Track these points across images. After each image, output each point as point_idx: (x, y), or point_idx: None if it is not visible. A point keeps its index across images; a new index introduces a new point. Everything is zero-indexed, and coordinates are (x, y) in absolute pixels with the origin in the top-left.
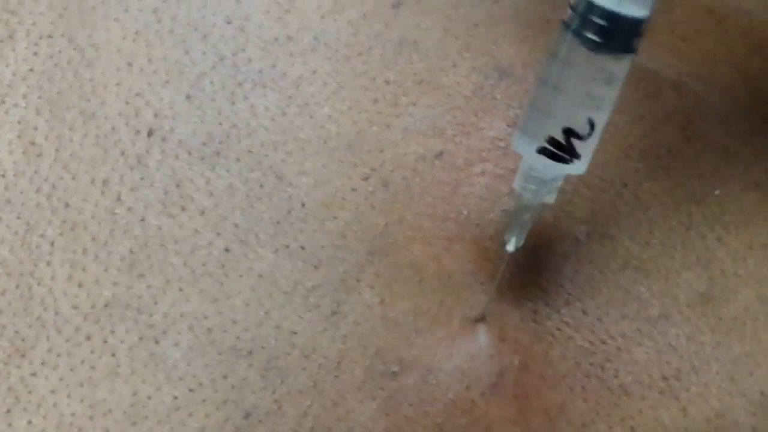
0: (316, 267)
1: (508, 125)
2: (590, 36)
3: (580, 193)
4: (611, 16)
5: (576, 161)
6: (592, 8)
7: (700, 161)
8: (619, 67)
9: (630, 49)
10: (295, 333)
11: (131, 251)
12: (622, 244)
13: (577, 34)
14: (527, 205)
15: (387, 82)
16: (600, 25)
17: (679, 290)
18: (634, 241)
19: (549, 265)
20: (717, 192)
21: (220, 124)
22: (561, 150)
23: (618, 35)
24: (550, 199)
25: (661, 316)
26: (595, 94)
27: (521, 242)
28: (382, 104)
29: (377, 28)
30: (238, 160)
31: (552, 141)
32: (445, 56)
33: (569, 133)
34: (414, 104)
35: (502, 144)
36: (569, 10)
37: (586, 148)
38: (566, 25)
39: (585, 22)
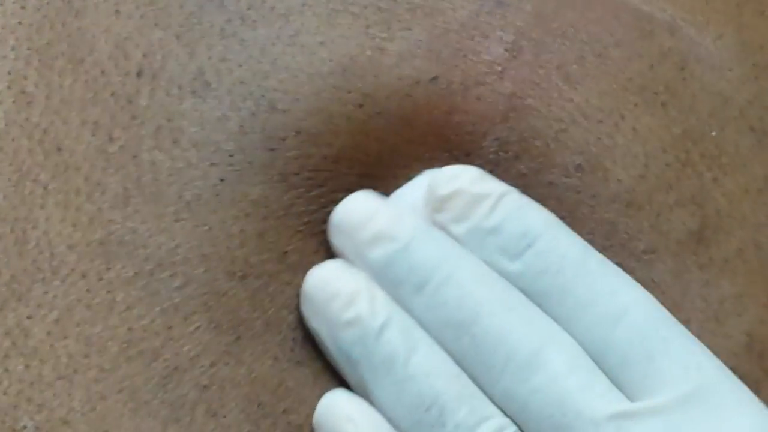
0: (308, 191)
1: (505, 50)
2: None
3: (576, 121)
4: None
5: None
6: None
7: (696, 102)
8: None
9: None
10: (286, 253)
11: (125, 188)
12: (615, 176)
13: None
14: None
15: (379, 9)
16: None
17: (669, 226)
18: (628, 173)
19: (534, 194)
20: (714, 133)
21: (210, 58)
22: None
23: None
24: None
25: (647, 251)
26: None
27: None
28: (374, 29)
29: None
30: (229, 91)
31: None
32: None
33: None
34: (408, 29)
35: (499, 68)
36: None
37: None
38: None
39: None
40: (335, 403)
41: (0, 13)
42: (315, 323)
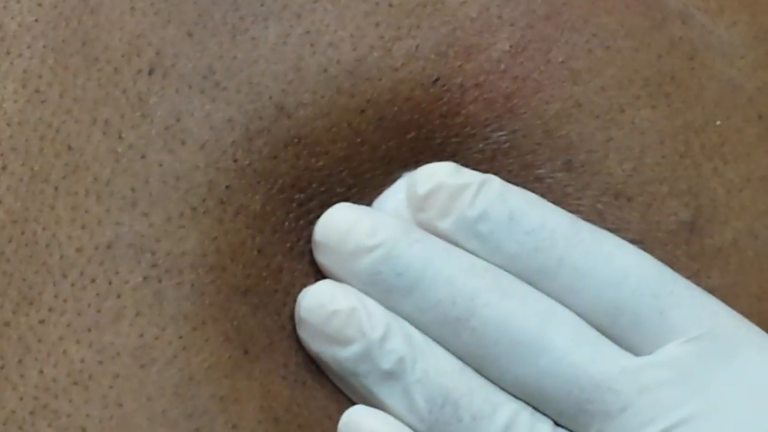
0: (299, 206)
1: (510, 46)
2: None
3: (572, 117)
4: None
5: None
6: None
7: (703, 92)
8: None
9: None
10: (281, 272)
11: (133, 189)
12: (607, 170)
13: None
14: None
15: (390, 5)
16: None
17: (660, 217)
18: (620, 167)
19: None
20: (718, 123)
21: (221, 57)
22: None
23: None
24: None
25: (636, 240)
26: None
27: None
28: (383, 27)
29: None
30: (238, 91)
31: None
32: None
33: None
34: (418, 26)
35: (502, 66)
36: None
37: None
38: None
39: None
40: (357, 419)
41: (17, 11)
42: (315, 347)
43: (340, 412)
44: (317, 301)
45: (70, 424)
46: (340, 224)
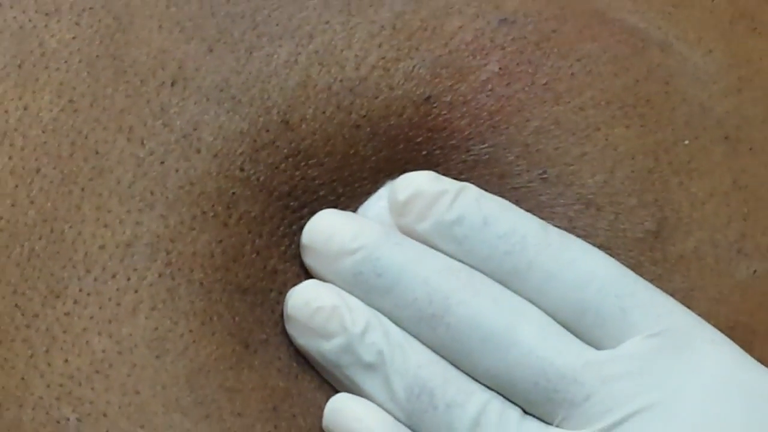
0: (293, 212)
1: (500, 68)
2: None
3: (550, 133)
4: None
5: None
6: None
7: (674, 113)
8: None
9: None
10: (276, 272)
11: (152, 192)
12: (580, 182)
13: None
14: None
15: (394, 28)
16: None
17: (628, 225)
18: (593, 179)
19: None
20: (686, 142)
21: (238, 72)
22: None
23: None
24: None
25: (603, 246)
26: None
27: None
28: (385, 48)
29: None
30: (250, 104)
31: None
32: (452, 5)
33: None
34: (416, 49)
35: (489, 87)
36: None
37: None
38: None
39: None
40: (342, 406)
41: (57, 29)
42: (302, 341)
43: (327, 401)
44: (302, 299)
45: (92, 409)
46: (325, 229)
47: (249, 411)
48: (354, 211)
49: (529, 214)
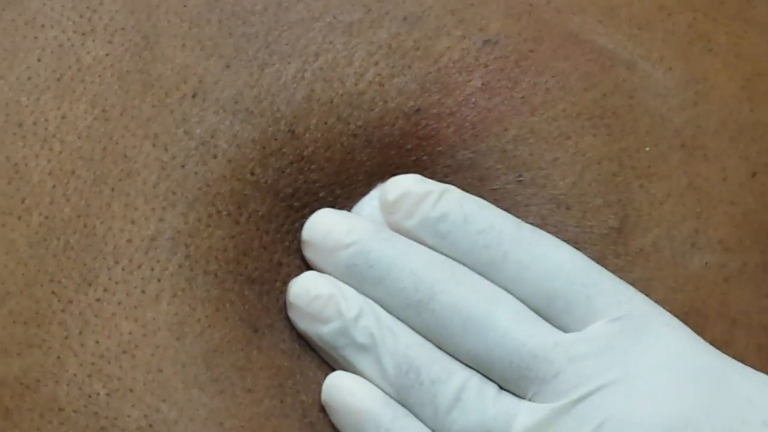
0: (297, 211)
1: (482, 83)
2: None
3: (526, 141)
4: None
5: None
6: None
7: (637, 124)
8: None
9: None
10: (280, 265)
11: (173, 193)
12: (552, 184)
13: None
14: None
15: (390, 47)
16: None
17: (594, 222)
18: (564, 181)
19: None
20: (647, 149)
21: (252, 86)
22: None
23: None
24: None
25: (571, 240)
26: None
27: None
28: (381, 66)
29: (388, 7)
30: (261, 115)
31: None
32: (442, 27)
33: None
34: (409, 66)
35: (473, 100)
36: None
37: None
38: None
39: None
40: (338, 382)
41: (92, 47)
42: (303, 324)
43: (326, 378)
44: (303, 288)
45: (120, 385)
46: (322, 226)
47: (258, 387)
48: (349, 210)
49: (505, 213)
